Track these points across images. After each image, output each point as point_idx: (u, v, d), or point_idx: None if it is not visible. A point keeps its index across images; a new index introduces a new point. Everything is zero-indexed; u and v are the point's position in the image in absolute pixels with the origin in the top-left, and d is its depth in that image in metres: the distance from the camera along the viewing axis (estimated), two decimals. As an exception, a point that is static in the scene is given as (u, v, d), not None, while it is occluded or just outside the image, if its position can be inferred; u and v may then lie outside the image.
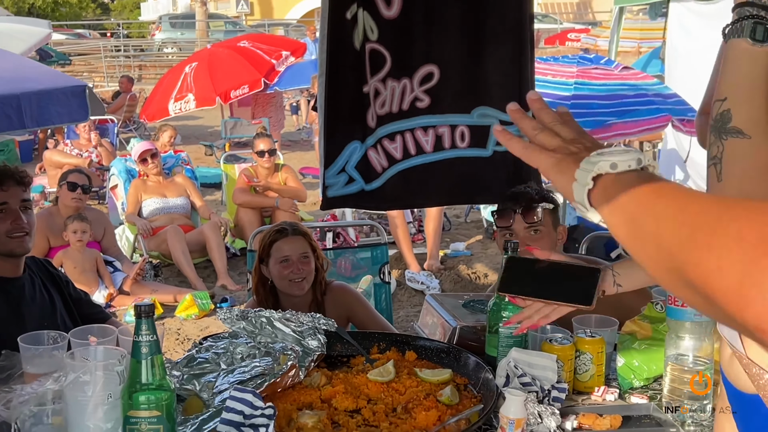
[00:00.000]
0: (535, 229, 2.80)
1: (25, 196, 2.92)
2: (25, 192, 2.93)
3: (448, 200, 3.12)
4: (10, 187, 2.86)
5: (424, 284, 6.68)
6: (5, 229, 2.83)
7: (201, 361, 2.24)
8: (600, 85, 5.91)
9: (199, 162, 12.49)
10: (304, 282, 3.09)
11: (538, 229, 2.81)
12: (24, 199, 2.91)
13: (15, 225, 2.84)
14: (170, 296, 6.28)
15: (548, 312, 1.98)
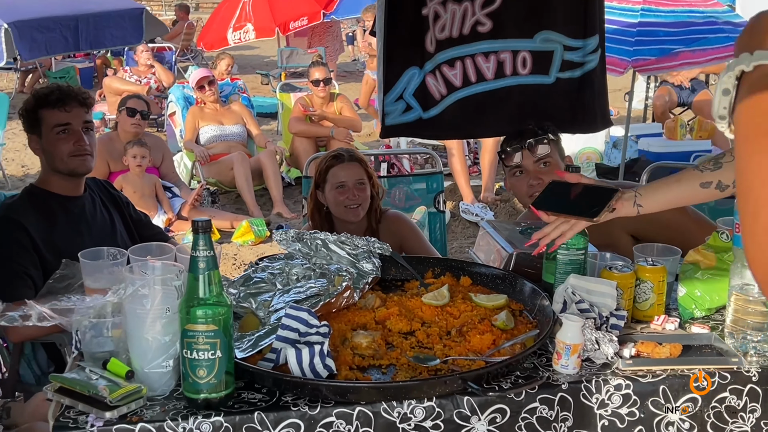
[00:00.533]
0: (544, 161, 2.81)
1: (87, 117, 2.95)
2: (87, 113, 2.95)
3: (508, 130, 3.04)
4: (73, 108, 2.89)
5: (478, 216, 6.63)
6: (68, 149, 2.86)
7: (257, 281, 2.26)
8: (668, 11, 5.66)
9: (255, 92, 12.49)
10: (359, 209, 3.07)
11: (548, 161, 2.82)
12: (86, 120, 2.94)
13: (77, 145, 2.87)
14: (227, 222, 6.36)
15: (565, 230, 2.10)
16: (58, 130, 2.86)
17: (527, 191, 2.81)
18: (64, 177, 2.92)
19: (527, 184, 2.81)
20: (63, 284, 1.88)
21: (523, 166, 2.82)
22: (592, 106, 2.99)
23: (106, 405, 1.65)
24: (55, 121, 2.86)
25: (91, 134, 2.95)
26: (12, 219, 2.76)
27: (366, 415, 1.70)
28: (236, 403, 1.71)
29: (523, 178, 2.82)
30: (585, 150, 7.59)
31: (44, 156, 2.91)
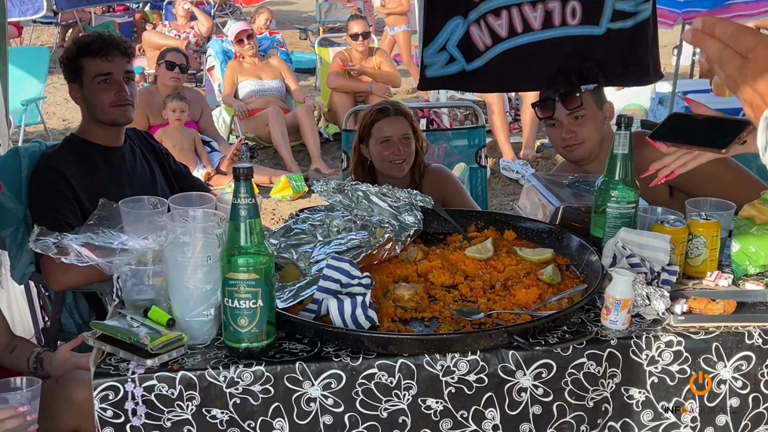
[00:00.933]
0: (577, 114, 2.73)
1: (128, 68, 2.92)
2: (128, 63, 2.93)
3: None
4: (114, 58, 2.86)
5: (518, 173, 6.54)
6: (109, 99, 2.84)
7: (297, 232, 2.23)
8: (721, -39, 5.45)
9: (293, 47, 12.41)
10: (404, 164, 3.02)
11: (581, 114, 2.73)
12: (127, 70, 2.91)
13: (119, 95, 2.85)
14: (265, 177, 6.35)
15: (686, 160, 2.01)
16: (100, 80, 2.84)
17: (561, 144, 2.75)
18: (105, 127, 2.90)
19: (560, 136, 2.74)
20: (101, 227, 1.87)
21: (555, 118, 2.76)
22: (645, 58, 2.88)
23: (147, 352, 1.64)
24: (97, 70, 2.84)
25: (132, 84, 2.93)
26: (53, 168, 2.76)
27: (408, 367, 1.67)
28: (277, 352, 1.69)
29: (557, 129, 2.76)
30: (630, 107, 7.41)
31: (85, 105, 2.90)
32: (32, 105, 7.12)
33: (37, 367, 2.34)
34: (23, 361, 2.36)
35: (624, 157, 2.09)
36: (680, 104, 6.96)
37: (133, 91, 2.93)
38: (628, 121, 2.07)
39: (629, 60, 2.88)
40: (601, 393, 1.75)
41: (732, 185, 2.48)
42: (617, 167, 2.09)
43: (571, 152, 2.74)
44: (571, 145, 2.73)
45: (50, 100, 9.05)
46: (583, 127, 2.71)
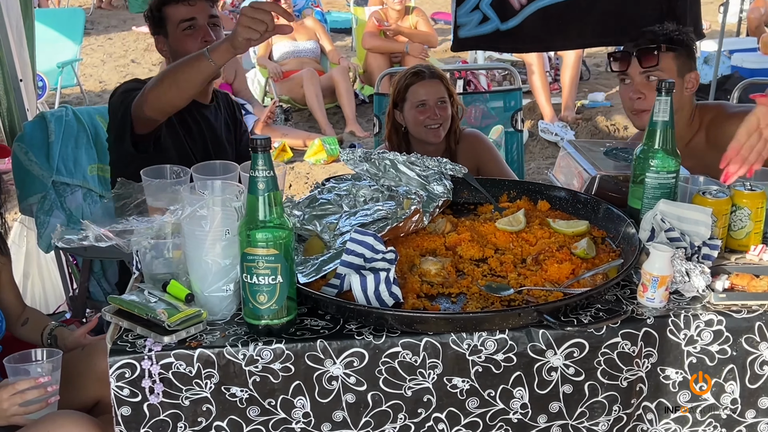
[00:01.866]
0: (649, 74, 2.52)
1: (213, 12, 2.74)
2: (212, 7, 2.75)
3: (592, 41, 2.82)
4: (198, 2, 2.69)
5: (558, 135, 6.39)
6: (196, 46, 2.61)
7: (323, 202, 2.16)
8: None
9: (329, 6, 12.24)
10: (440, 129, 2.94)
11: (655, 75, 2.51)
12: (212, 14, 2.73)
13: (205, 42, 2.62)
14: (300, 141, 6.29)
15: None
16: (184, 26, 2.68)
17: (629, 104, 2.57)
18: None
19: (629, 96, 2.56)
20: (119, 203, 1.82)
21: (629, 74, 2.55)
22: (684, 16, 2.74)
23: (165, 329, 1.60)
24: (181, 16, 2.68)
25: (218, 30, 2.74)
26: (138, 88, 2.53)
27: (434, 346, 1.61)
28: (298, 329, 1.64)
29: (628, 86, 2.56)
30: (673, 66, 7.18)
31: (172, 57, 2.74)
32: (68, 67, 7.11)
33: (51, 344, 2.32)
34: (36, 334, 2.34)
35: (664, 124, 1.98)
36: (726, 63, 6.73)
37: (220, 35, 2.71)
38: (669, 86, 1.96)
39: (668, 18, 2.73)
40: (635, 373, 1.68)
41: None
42: (657, 135, 1.99)
43: (638, 117, 2.55)
44: (638, 110, 2.55)
45: (87, 62, 9.05)
46: (652, 92, 2.53)
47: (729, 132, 2.34)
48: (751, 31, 8.07)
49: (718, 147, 1.97)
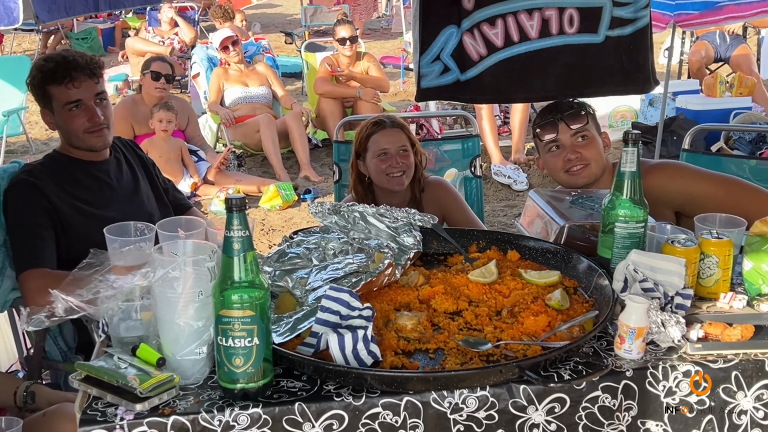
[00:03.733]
0: (582, 135, 2.70)
1: (98, 89, 2.75)
2: (98, 84, 2.76)
3: (554, 94, 2.86)
4: (82, 83, 2.69)
5: (510, 178, 6.47)
6: (83, 126, 2.70)
7: (292, 257, 2.13)
8: (713, -37, 5.38)
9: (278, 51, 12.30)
10: (403, 176, 2.94)
11: (586, 135, 2.71)
12: (98, 92, 2.75)
13: (92, 121, 2.70)
14: (254, 186, 6.24)
15: None
16: (70, 107, 2.70)
17: (563, 166, 2.70)
18: (84, 151, 2.79)
19: (564, 159, 2.69)
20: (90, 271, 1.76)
21: (559, 140, 2.71)
22: (645, 66, 2.79)
23: (137, 396, 1.54)
24: (66, 98, 2.69)
25: (105, 105, 2.75)
26: (28, 182, 2.63)
27: (414, 405, 1.58)
28: (275, 392, 1.60)
29: (560, 153, 2.71)
30: (620, 109, 7.36)
31: (59, 132, 2.78)
32: (14, 115, 6.98)
33: (27, 401, 2.23)
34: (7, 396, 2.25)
35: (632, 175, 2.01)
36: (671, 105, 6.91)
37: (107, 112, 2.76)
38: (636, 137, 1.99)
39: (630, 68, 2.79)
40: (616, 427, 1.67)
41: (741, 202, 2.41)
42: (625, 185, 2.01)
43: (577, 176, 2.67)
44: (576, 168, 2.66)
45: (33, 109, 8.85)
46: (588, 150, 2.67)
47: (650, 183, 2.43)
48: (692, 73, 8.32)
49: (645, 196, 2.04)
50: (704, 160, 3.56)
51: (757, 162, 3.94)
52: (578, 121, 2.69)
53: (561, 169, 2.70)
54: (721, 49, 8.32)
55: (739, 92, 7.03)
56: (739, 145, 6.08)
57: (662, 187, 2.57)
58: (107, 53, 12.47)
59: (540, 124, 2.75)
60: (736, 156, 4.51)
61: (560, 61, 2.81)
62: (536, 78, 2.85)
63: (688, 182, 2.61)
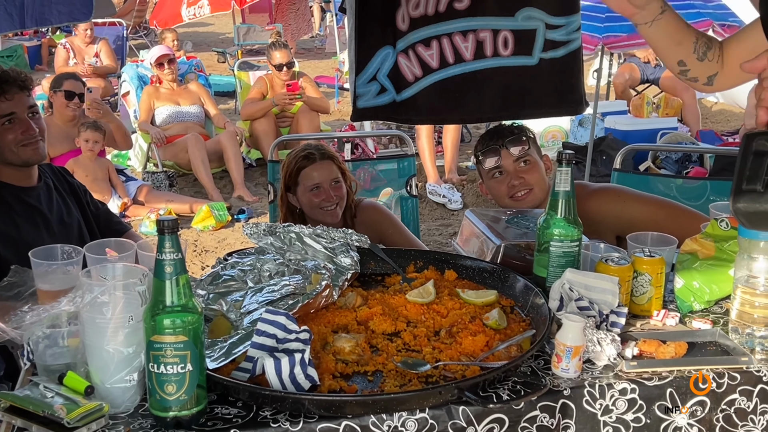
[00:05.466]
0: (525, 160, 2.75)
1: (30, 102, 2.77)
2: (29, 97, 2.77)
3: (490, 115, 2.89)
4: (14, 95, 2.69)
5: (445, 197, 6.51)
6: (16, 139, 2.68)
7: (226, 279, 2.08)
8: (637, -13, 5.53)
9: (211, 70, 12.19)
10: (337, 209, 2.93)
11: (528, 159, 2.76)
12: (30, 105, 2.76)
13: (26, 134, 2.69)
14: (186, 207, 6.13)
15: None
16: (3, 121, 2.66)
17: (508, 192, 2.73)
18: (17, 168, 2.72)
19: (508, 185, 2.72)
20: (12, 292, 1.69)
21: (502, 166, 2.75)
22: (577, 87, 2.85)
23: (64, 426, 1.48)
24: None
25: (38, 118, 2.75)
26: None
27: (353, 429, 1.55)
28: (209, 419, 1.55)
29: (504, 179, 2.75)
30: (550, 129, 7.50)
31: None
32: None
33: None
34: None
35: (566, 194, 2.03)
36: (600, 125, 7.07)
37: (41, 125, 2.76)
38: (569, 157, 2.01)
39: (563, 90, 2.84)
40: (554, 446, 1.67)
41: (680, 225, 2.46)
42: (559, 204, 2.03)
43: (522, 201, 2.71)
44: (521, 194, 2.70)
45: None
46: (531, 174, 2.71)
47: (592, 208, 2.55)
48: (617, 94, 8.54)
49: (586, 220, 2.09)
50: (634, 179, 3.63)
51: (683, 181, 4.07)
52: (520, 147, 2.72)
53: (506, 194, 2.73)
54: (647, 71, 8.56)
55: (666, 113, 7.25)
56: (666, 164, 6.25)
57: (604, 212, 2.63)
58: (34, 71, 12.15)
59: (482, 151, 2.77)
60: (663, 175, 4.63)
61: (495, 82, 2.84)
62: (472, 99, 2.87)
63: (629, 206, 2.68)
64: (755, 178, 1.24)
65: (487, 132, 2.84)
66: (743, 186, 1.25)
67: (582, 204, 2.09)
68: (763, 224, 1.28)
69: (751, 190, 1.25)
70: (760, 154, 1.25)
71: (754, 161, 1.26)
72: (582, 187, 2.75)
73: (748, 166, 1.26)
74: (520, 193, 2.71)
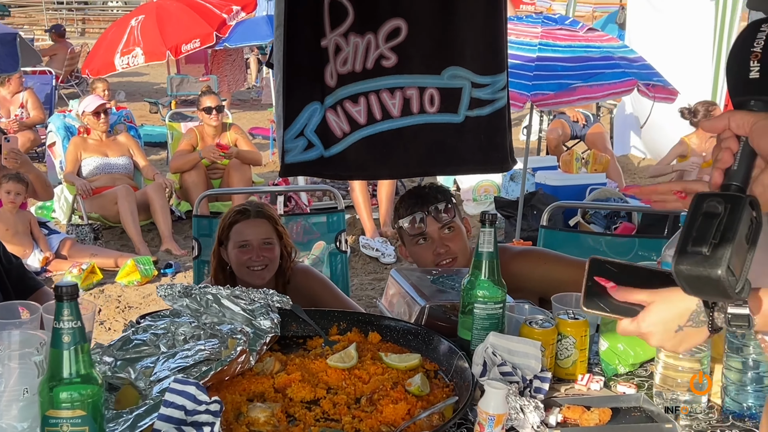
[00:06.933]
0: (449, 226, 2.72)
1: None
2: None
3: (417, 171, 2.87)
4: None
5: (378, 251, 6.47)
6: None
7: (138, 344, 1.98)
8: (565, 46, 5.69)
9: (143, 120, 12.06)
10: (264, 271, 2.83)
11: (452, 226, 2.73)
12: None
13: None
14: (111, 261, 5.95)
15: None
16: None
17: (433, 260, 2.68)
18: None
19: (433, 252, 2.68)
20: None
21: (427, 233, 2.70)
22: (503, 145, 2.86)
23: None
24: None
25: None
26: None
27: (265, 507, 1.46)
28: (109, 500, 1.44)
29: (428, 246, 2.71)
30: (482, 183, 7.56)
31: None
32: None
33: None
34: None
35: (490, 255, 2.00)
36: (531, 181, 7.16)
37: None
38: (492, 218, 1.99)
39: (489, 147, 2.85)
40: None
41: None
42: (483, 265, 2.00)
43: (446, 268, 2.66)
44: (446, 262, 2.67)
45: None
46: (455, 242, 2.69)
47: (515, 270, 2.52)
48: (551, 149, 8.69)
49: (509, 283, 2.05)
50: (562, 236, 3.66)
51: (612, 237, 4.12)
52: (445, 213, 2.69)
53: (431, 262, 2.69)
54: (576, 128, 8.75)
55: (594, 168, 7.39)
56: (595, 219, 6.34)
57: (527, 274, 2.62)
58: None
59: (405, 217, 2.73)
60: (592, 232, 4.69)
61: (422, 139, 2.83)
62: (399, 155, 2.86)
63: (552, 268, 2.67)
64: (702, 240, 1.20)
65: (409, 194, 2.79)
66: (688, 247, 1.21)
67: (505, 267, 2.06)
68: (704, 290, 1.23)
69: (696, 253, 1.20)
70: (709, 216, 1.21)
71: (702, 222, 1.22)
72: (504, 250, 2.74)
73: (695, 226, 1.22)
74: (444, 262, 2.68)
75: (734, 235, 1.20)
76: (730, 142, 1.25)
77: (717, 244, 1.20)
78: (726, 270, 1.18)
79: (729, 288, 1.19)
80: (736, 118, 1.22)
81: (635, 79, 5.57)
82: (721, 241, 1.20)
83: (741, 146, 1.24)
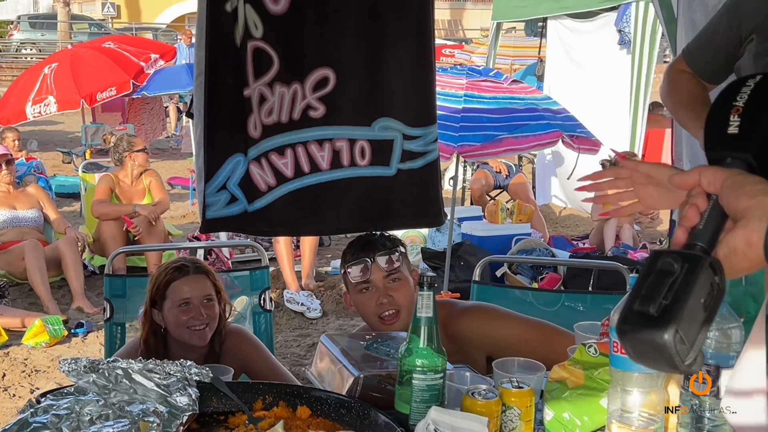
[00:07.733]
0: (395, 276, 2.53)
1: None
2: None
3: (348, 227, 2.74)
4: None
5: (304, 305, 6.27)
6: None
7: (37, 427, 1.75)
8: (490, 98, 5.69)
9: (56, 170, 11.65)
10: (206, 330, 2.65)
11: (399, 277, 2.54)
12: None
13: None
14: (17, 320, 5.58)
15: None
16: None
17: (377, 310, 2.51)
18: None
19: (377, 302, 2.50)
20: None
21: (371, 281, 2.52)
22: (436, 199, 2.75)
23: None
24: None
25: None
26: None
27: None
28: None
29: (372, 294, 2.52)
30: (409, 234, 7.48)
31: None
32: None
33: None
34: None
35: (428, 321, 1.86)
36: (457, 231, 7.11)
37: None
38: (431, 280, 1.86)
39: (422, 201, 2.74)
40: None
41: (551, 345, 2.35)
42: (422, 332, 1.85)
43: (390, 325, 2.50)
44: (389, 314, 2.50)
45: None
46: (400, 292, 2.51)
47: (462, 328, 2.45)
48: (474, 199, 8.70)
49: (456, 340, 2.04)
50: (494, 291, 3.57)
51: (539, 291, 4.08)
52: (392, 263, 2.51)
53: (374, 313, 2.51)
54: (499, 178, 8.80)
55: (519, 219, 7.41)
56: (522, 269, 6.32)
57: (474, 331, 2.49)
58: None
59: (351, 264, 2.56)
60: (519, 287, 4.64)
61: (353, 193, 2.70)
62: (329, 210, 2.72)
63: (498, 326, 2.55)
64: (650, 298, 1.07)
65: (358, 240, 2.61)
66: (635, 306, 1.08)
67: (452, 323, 1.94)
68: (649, 357, 1.09)
69: (643, 312, 1.07)
70: (663, 274, 1.08)
71: (654, 280, 1.09)
72: (450, 306, 2.61)
73: (646, 284, 1.09)
74: (387, 314, 2.50)
75: (688, 297, 1.07)
76: (698, 198, 1.14)
77: (667, 306, 1.07)
78: (674, 335, 1.06)
79: (676, 357, 1.06)
80: (708, 174, 1.12)
81: (560, 130, 5.60)
82: (673, 302, 1.08)
83: (710, 204, 1.14)
